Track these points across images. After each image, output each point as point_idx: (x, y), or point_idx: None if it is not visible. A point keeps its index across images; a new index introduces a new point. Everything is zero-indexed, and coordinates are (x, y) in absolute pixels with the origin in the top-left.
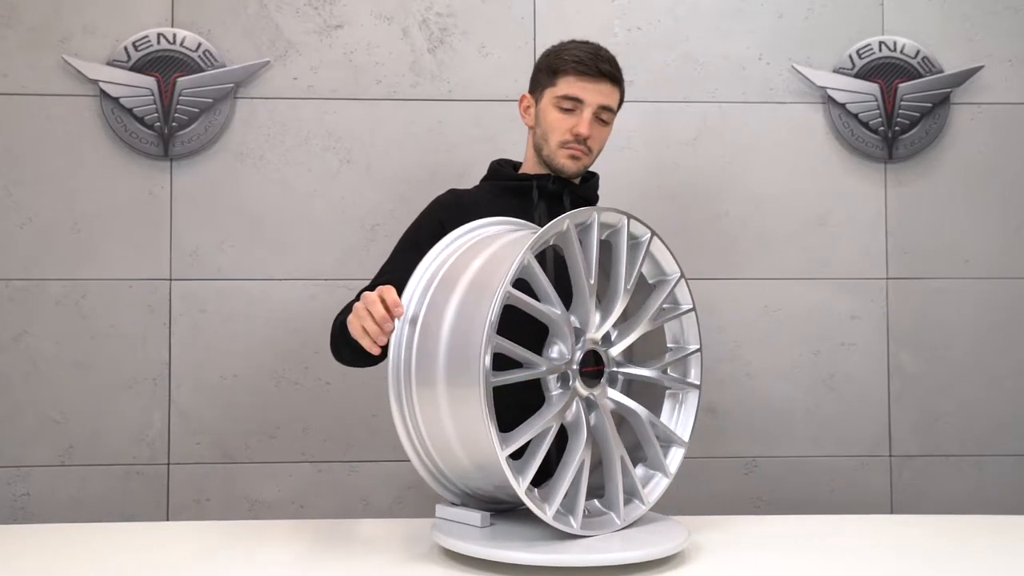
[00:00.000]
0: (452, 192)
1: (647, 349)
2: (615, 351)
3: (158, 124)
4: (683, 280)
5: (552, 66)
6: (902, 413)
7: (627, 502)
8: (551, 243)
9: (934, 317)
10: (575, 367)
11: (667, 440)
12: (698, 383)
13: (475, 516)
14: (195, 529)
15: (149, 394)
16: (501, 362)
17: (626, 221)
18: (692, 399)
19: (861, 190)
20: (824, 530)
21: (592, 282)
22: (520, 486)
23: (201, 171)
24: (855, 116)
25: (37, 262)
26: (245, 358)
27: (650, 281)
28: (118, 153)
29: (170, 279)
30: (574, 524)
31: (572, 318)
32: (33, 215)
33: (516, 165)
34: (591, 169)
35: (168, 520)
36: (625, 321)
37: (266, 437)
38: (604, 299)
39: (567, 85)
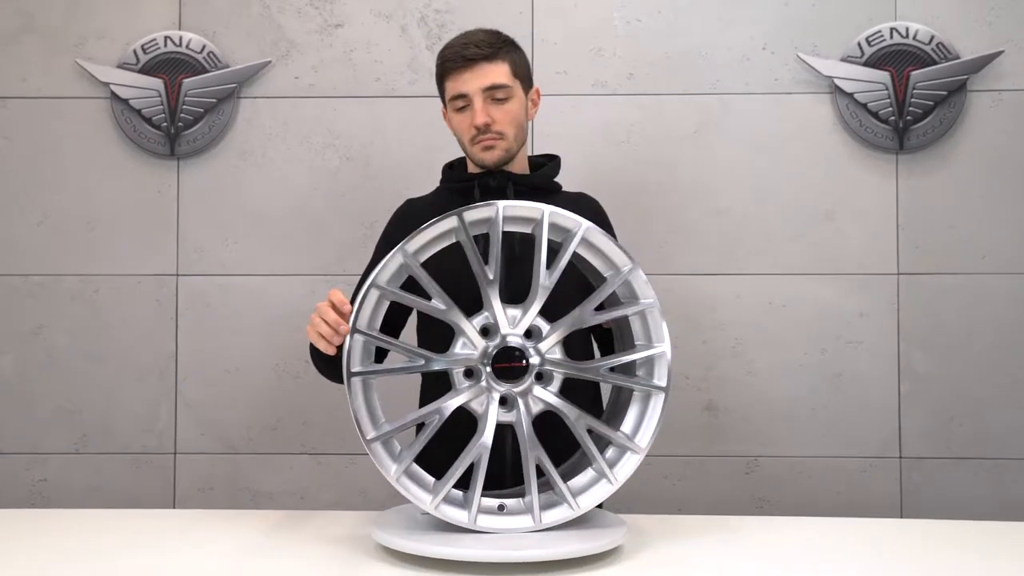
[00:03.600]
0: (407, 202)
1: (623, 348)
2: (544, 347)
3: (165, 124)
4: (639, 274)
5: (437, 74)
6: (913, 414)
7: (559, 504)
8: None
9: (948, 314)
10: (486, 362)
11: (621, 445)
12: (663, 385)
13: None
14: (193, 518)
15: (157, 386)
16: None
17: (544, 214)
18: (657, 403)
19: (871, 182)
20: (829, 533)
21: (491, 277)
22: (392, 473)
23: (206, 170)
24: (864, 106)
25: (53, 258)
26: (248, 352)
27: (605, 276)
28: (128, 153)
29: (176, 275)
30: (466, 517)
31: (487, 315)
32: (49, 213)
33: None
34: (552, 152)
35: (175, 508)
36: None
37: (267, 429)
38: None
39: (451, 86)
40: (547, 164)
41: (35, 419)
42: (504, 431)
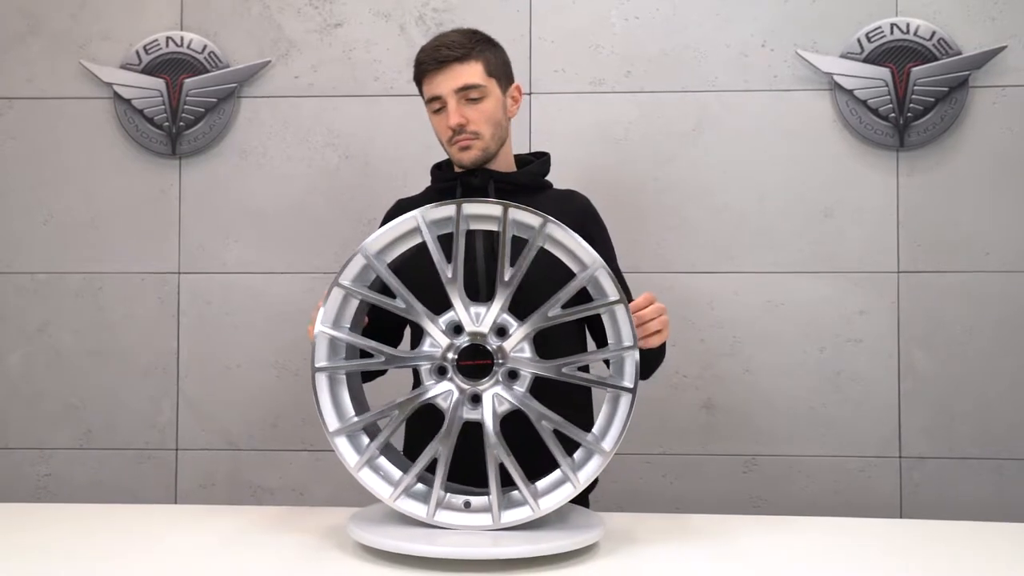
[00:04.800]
0: (397, 202)
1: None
2: (509, 344)
3: (167, 124)
4: (604, 271)
5: (414, 78)
6: (913, 413)
7: (520, 503)
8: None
9: (949, 312)
10: (450, 359)
11: (587, 447)
12: (630, 386)
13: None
14: (193, 513)
15: (159, 382)
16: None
17: (502, 211)
18: (624, 404)
19: (870, 179)
20: (828, 533)
21: (450, 275)
22: (352, 465)
23: (207, 169)
24: (863, 103)
25: (58, 256)
26: (248, 349)
27: (576, 273)
28: (131, 153)
29: (178, 272)
30: (424, 511)
31: (453, 313)
32: (54, 212)
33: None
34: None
35: (176, 503)
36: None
37: (268, 426)
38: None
39: (427, 88)
40: (534, 162)
41: (41, 415)
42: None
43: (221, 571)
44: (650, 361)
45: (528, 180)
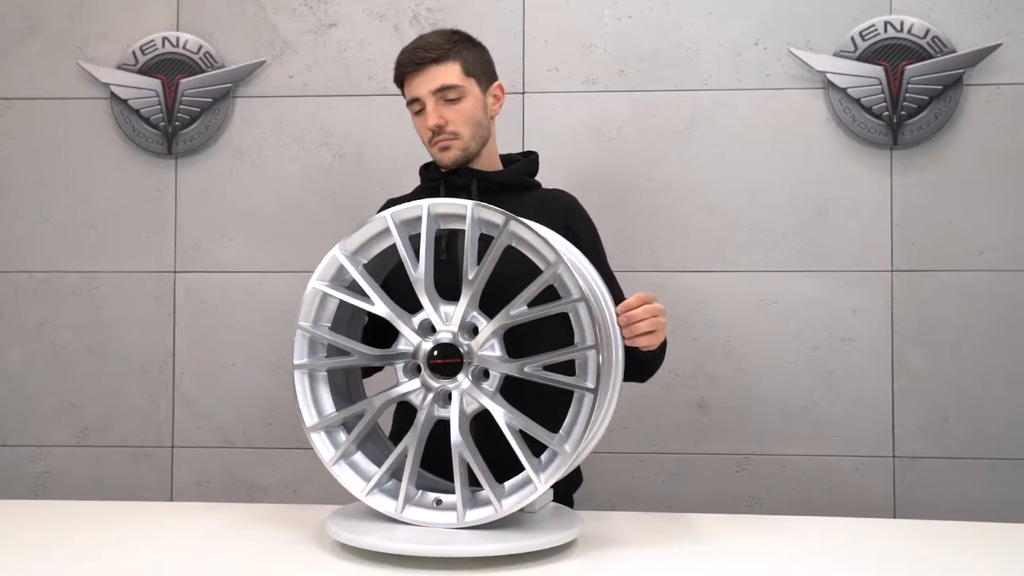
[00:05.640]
0: (388, 202)
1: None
2: (476, 344)
3: (163, 124)
4: (569, 269)
5: (395, 80)
6: (907, 412)
7: (485, 503)
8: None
9: (943, 311)
10: (421, 357)
11: (552, 447)
12: (591, 387)
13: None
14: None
15: (155, 381)
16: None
17: (469, 210)
18: (587, 404)
19: (864, 178)
20: (821, 533)
21: (416, 274)
22: (327, 460)
23: (203, 168)
24: (857, 101)
25: (56, 255)
26: (243, 347)
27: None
28: (127, 152)
29: (174, 271)
30: (393, 507)
31: (427, 313)
32: (53, 212)
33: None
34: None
35: (172, 500)
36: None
37: (262, 424)
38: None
39: (407, 90)
40: (520, 161)
41: (39, 412)
42: (469, 427)
43: (191, 566)
44: (646, 363)
45: (513, 179)
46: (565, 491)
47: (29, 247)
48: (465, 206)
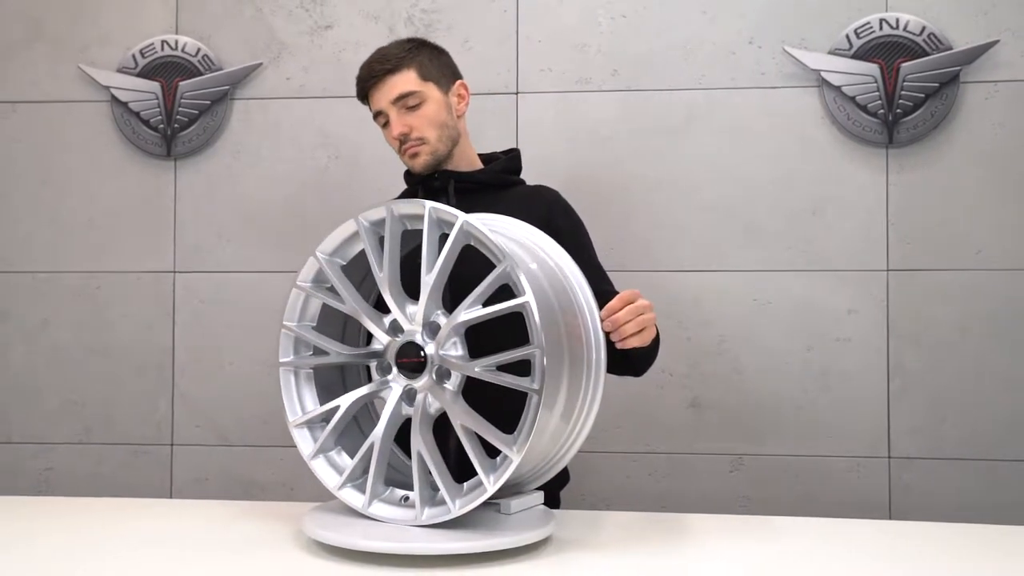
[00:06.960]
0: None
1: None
2: (436, 343)
3: (162, 126)
4: (517, 269)
5: (358, 97)
6: (903, 413)
7: (441, 502)
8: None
9: (940, 311)
10: (391, 356)
11: (502, 448)
12: (536, 387)
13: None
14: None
15: (155, 379)
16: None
17: (426, 210)
18: (533, 404)
19: (859, 177)
20: (815, 534)
21: (382, 273)
22: (306, 455)
23: (201, 170)
24: (852, 99)
25: (58, 256)
26: (241, 347)
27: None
28: (128, 154)
29: (174, 271)
30: (360, 502)
31: (406, 313)
32: (56, 213)
33: None
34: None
35: (171, 497)
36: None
37: (259, 422)
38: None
39: (371, 105)
40: (500, 159)
41: (42, 410)
42: (444, 426)
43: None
44: (639, 358)
45: (491, 178)
46: (551, 490)
47: (32, 247)
48: (423, 206)
